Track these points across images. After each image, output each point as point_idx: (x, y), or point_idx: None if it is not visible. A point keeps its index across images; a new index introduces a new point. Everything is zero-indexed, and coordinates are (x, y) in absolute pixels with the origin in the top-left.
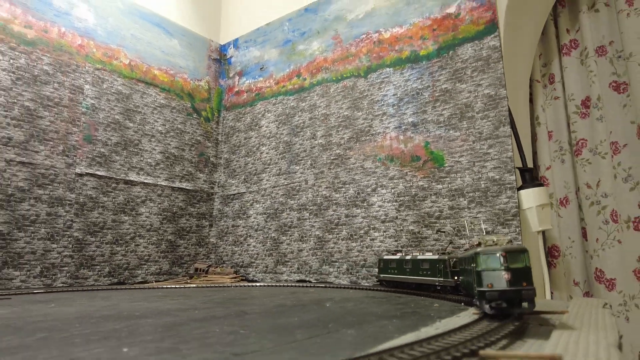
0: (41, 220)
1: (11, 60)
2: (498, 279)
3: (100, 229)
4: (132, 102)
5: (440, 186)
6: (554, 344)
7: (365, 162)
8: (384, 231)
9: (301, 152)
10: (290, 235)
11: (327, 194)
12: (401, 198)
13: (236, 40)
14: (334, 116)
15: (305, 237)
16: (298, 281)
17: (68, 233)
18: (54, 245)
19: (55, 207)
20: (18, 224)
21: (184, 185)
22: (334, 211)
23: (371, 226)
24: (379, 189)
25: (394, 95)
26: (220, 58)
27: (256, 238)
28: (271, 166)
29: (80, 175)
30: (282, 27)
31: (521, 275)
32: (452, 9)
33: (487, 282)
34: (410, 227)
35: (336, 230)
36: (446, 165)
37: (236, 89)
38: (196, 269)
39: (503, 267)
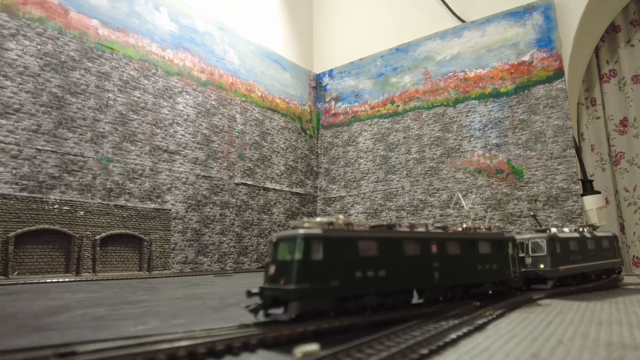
0: (217, 220)
1: (194, 99)
2: (267, 273)
3: (250, 225)
4: (265, 126)
5: (520, 192)
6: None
7: (457, 174)
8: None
9: (397, 164)
10: None
11: (423, 198)
12: (488, 201)
13: (331, 70)
14: (426, 136)
15: None
16: None
17: (232, 229)
18: (224, 238)
19: (224, 209)
20: (204, 222)
21: (298, 190)
22: (429, 211)
23: (463, 223)
24: (469, 194)
25: (479, 122)
26: (317, 86)
27: None
28: (369, 175)
29: (237, 184)
30: (375, 63)
31: (284, 270)
32: (526, 57)
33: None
34: (497, 224)
35: (432, 227)
36: (525, 177)
37: (333, 112)
38: None
39: (270, 259)
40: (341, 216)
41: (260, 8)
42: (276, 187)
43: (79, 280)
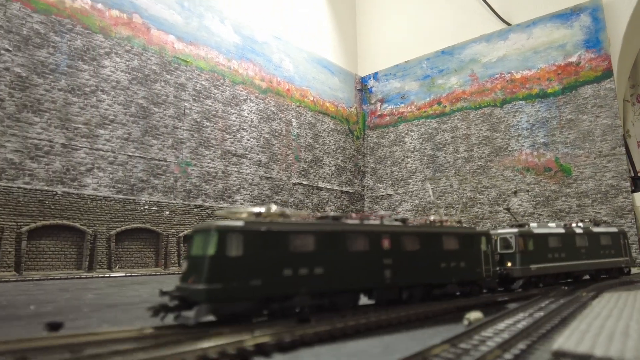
0: None
1: (256, 105)
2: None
3: None
4: (317, 129)
5: (568, 190)
6: None
7: (505, 172)
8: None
9: (445, 163)
10: None
11: (472, 196)
12: (537, 198)
13: (376, 73)
14: (474, 136)
15: None
16: None
17: None
18: None
19: (283, 207)
20: None
21: (347, 189)
22: (478, 208)
23: (511, 220)
24: (518, 191)
25: (526, 121)
26: (362, 88)
27: None
28: (417, 173)
29: (294, 184)
30: (420, 65)
31: (195, 268)
32: (573, 58)
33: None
34: (546, 220)
35: (481, 223)
36: (573, 174)
37: (378, 113)
38: None
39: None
40: (274, 206)
41: (310, 17)
42: (328, 187)
43: (169, 274)
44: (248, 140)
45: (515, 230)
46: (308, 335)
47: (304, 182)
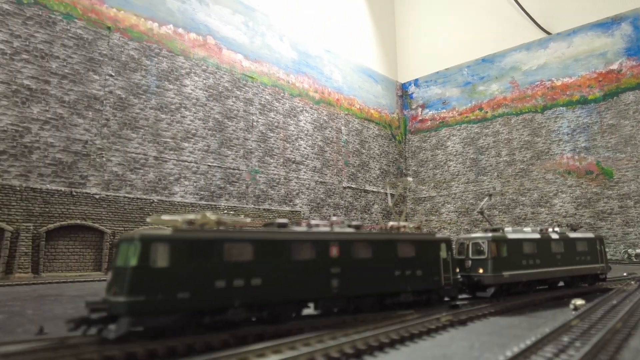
0: None
1: (311, 115)
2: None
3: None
4: (363, 135)
5: (610, 192)
6: None
7: (547, 175)
8: (566, 225)
9: (487, 166)
10: (482, 227)
11: (514, 197)
12: (578, 200)
13: (416, 80)
14: (515, 140)
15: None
16: None
17: None
18: None
19: (336, 209)
20: None
21: (391, 191)
22: (520, 209)
23: (554, 221)
24: (559, 193)
25: (567, 127)
26: (402, 94)
27: (449, 229)
28: (459, 176)
29: (344, 188)
30: (461, 72)
31: (118, 279)
32: (614, 66)
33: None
34: (587, 221)
35: (523, 223)
36: (615, 177)
37: (419, 118)
38: None
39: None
40: (209, 213)
41: (355, 29)
42: (373, 189)
43: None
44: (305, 148)
45: (488, 235)
46: (465, 317)
47: (352, 186)
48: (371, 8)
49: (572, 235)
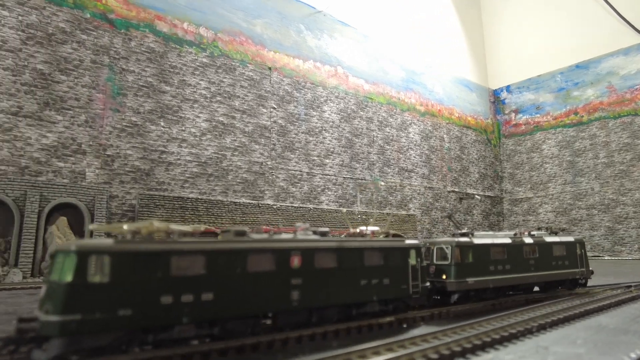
0: (438, 221)
1: (418, 127)
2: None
3: (460, 225)
4: (462, 142)
5: None
6: None
7: None
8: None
9: (585, 168)
10: (581, 226)
11: (614, 197)
12: None
13: (508, 86)
14: (614, 143)
15: (595, 227)
16: (593, 256)
17: (449, 229)
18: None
19: (442, 212)
20: (432, 224)
21: (489, 194)
22: (621, 209)
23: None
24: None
25: None
26: (495, 100)
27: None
28: (556, 178)
29: (449, 192)
30: (554, 79)
31: (51, 295)
32: None
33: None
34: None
35: (625, 222)
36: None
37: (513, 122)
38: None
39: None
40: (156, 222)
41: (449, 43)
42: (474, 192)
43: None
44: (414, 157)
45: (453, 240)
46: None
47: (456, 190)
48: (462, 21)
49: (549, 239)
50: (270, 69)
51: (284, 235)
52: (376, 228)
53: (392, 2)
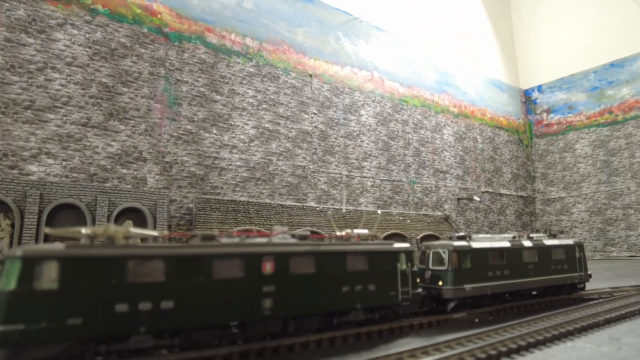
0: (472, 221)
1: (452, 129)
2: None
3: (493, 225)
4: (495, 142)
5: None
6: None
7: None
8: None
9: (620, 167)
10: (617, 226)
11: None
12: None
13: (539, 86)
14: None
15: (632, 227)
16: (629, 256)
17: (482, 229)
18: None
19: (477, 212)
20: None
21: (522, 194)
22: None
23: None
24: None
25: None
26: (526, 100)
27: (581, 228)
28: (590, 177)
29: (483, 192)
30: (587, 78)
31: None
32: None
33: None
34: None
35: None
36: None
37: (545, 122)
38: None
39: None
40: (112, 225)
41: (480, 44)
42: (507, 192)
43: None
44: (449, 158)
45: (450, 244)
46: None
47: (489, 190)
48: (492, 22)
49: (548, 242)
50: (311, 76)
51: (257, 240)
52: (364, 231)
53: (425, 6)
